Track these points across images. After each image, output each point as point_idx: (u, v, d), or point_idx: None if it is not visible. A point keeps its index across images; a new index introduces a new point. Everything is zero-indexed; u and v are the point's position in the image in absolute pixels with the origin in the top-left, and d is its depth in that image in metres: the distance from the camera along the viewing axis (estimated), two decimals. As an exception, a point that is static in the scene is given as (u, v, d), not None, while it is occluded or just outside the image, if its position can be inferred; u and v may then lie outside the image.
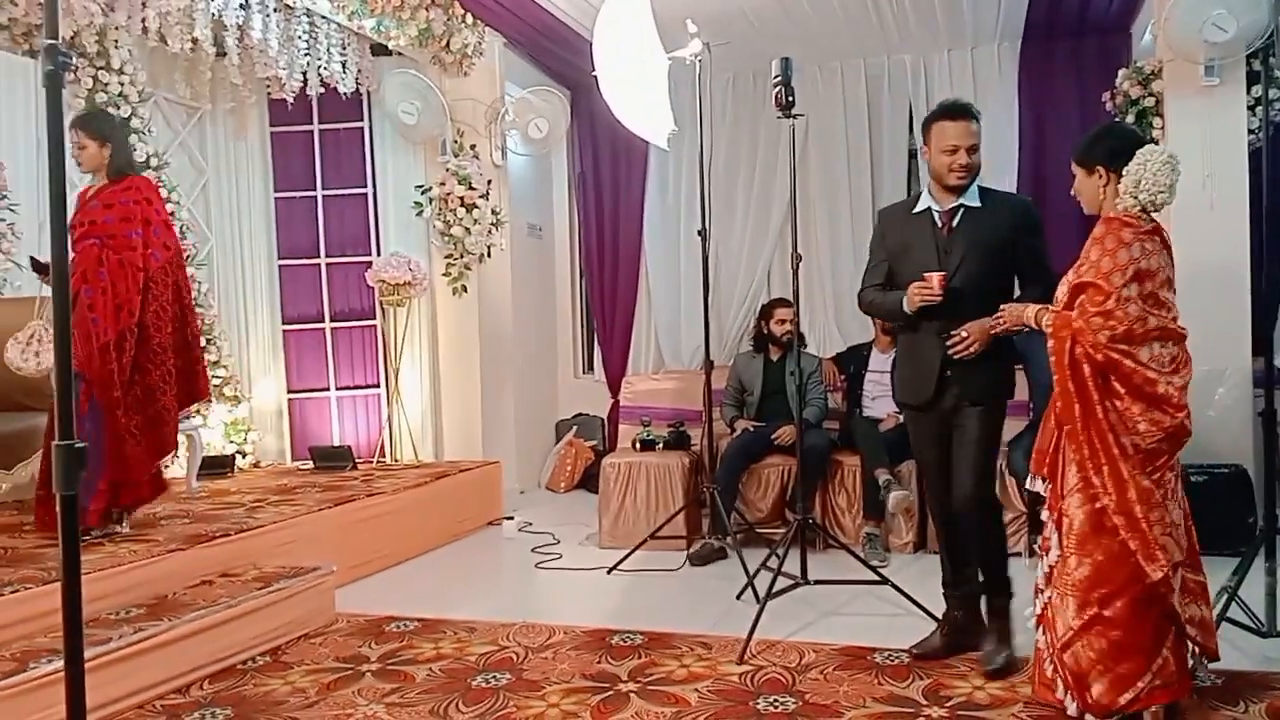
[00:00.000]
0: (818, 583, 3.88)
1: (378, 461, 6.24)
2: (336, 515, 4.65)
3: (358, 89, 6.01)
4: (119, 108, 5.40)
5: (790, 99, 3.88)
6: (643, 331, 7.12)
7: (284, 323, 6.48)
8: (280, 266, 6.47)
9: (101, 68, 5.33)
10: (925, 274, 3.14)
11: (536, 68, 6.95)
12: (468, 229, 6.21)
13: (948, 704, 2.88)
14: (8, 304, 4.55)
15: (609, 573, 4.61)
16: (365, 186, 6.48)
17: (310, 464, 6.03)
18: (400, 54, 6.09)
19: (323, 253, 6.47)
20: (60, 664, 2.74)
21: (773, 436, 5.09)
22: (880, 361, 5.36)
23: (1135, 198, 2.64)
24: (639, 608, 4.09)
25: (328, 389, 6.48)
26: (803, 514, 3.96)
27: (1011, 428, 4.99)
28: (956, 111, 3.19)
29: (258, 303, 6.46)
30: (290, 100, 5.84)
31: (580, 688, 3.08)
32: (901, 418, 5.05)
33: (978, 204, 3.22)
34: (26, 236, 4.98)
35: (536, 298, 7.26)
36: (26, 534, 3.90)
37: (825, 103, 6.52)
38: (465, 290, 6.35)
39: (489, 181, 6.29)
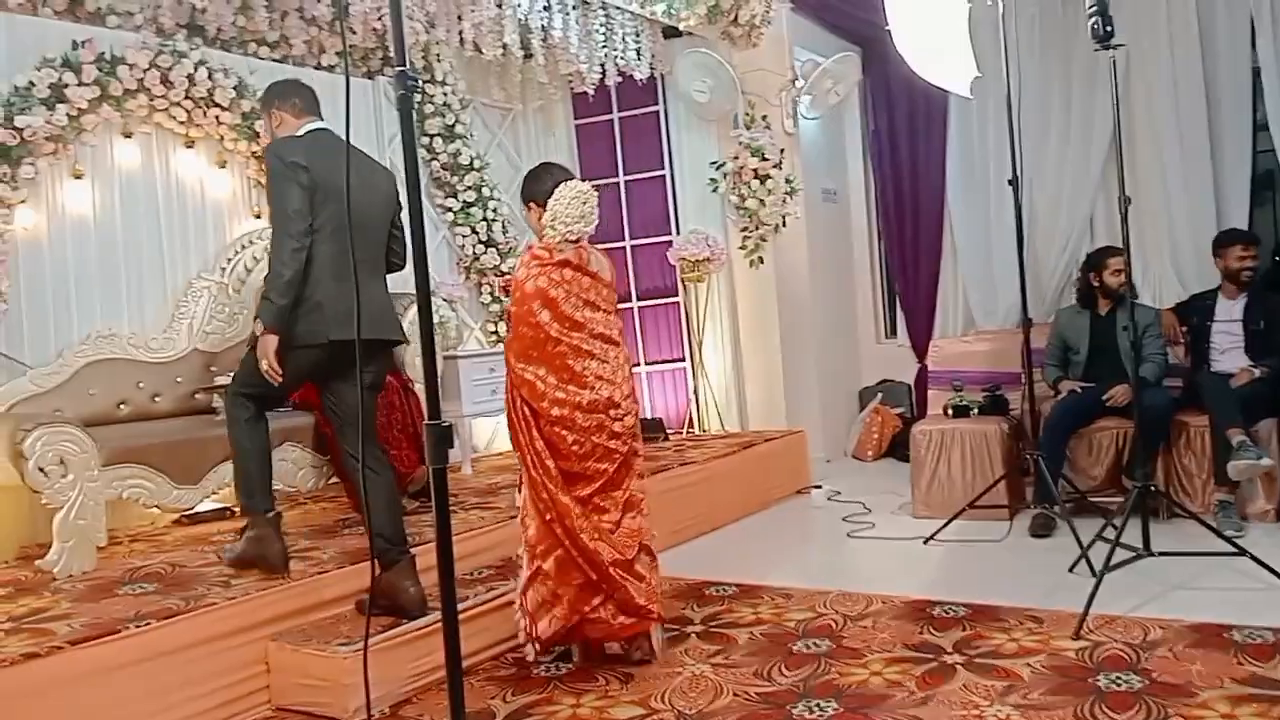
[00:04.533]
0: (1162, 554, 3.57)
1: (687, 432, 6.45)
2: (653, 484, 4.82)
3: (652, 74, 6.20)
4: (444, 116, 5.94)
5: (1109, 28, 3.56)
6: (949, 291, 6.82)
7: (595, 304, 6.83)
8: (589, 251, 6.83)
9: (427, 81, 5.88)
10: None
11: (825, 28, 6.84)
12: (762, 200, 6.25)
13: (1330, 691, 2.56)
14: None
15: (925, 542, 4.50)
16: (663, 168, 6.69)
17: (626, 436, 6.34)
18: (690, 34, 6.21)
19: (627, 235, 6.76)
20: (428, 619, 3.10)
21: (1104, 397, 4.69)
22: (1228, 310, 4.82)
23: (554, 229, 3.11)
24: (960, 579, 3.97)
25: (638, 364, 6.77)
26: (1142, 480, 3.65)
27: None
28: None
29: (570, 286, 6.86)
30: (591, 92, 6.13)
31: (903, 657, 3.04)
32: (1257, 372, 4.54)
33: None
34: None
35: (834, 263, 7.17)
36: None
37: (1147, 28, 5.90)
38: (762, 262, 6.40)
39: (781, 150, 6.29)
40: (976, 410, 5.19)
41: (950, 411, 5.23)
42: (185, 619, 2.89)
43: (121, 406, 4.40)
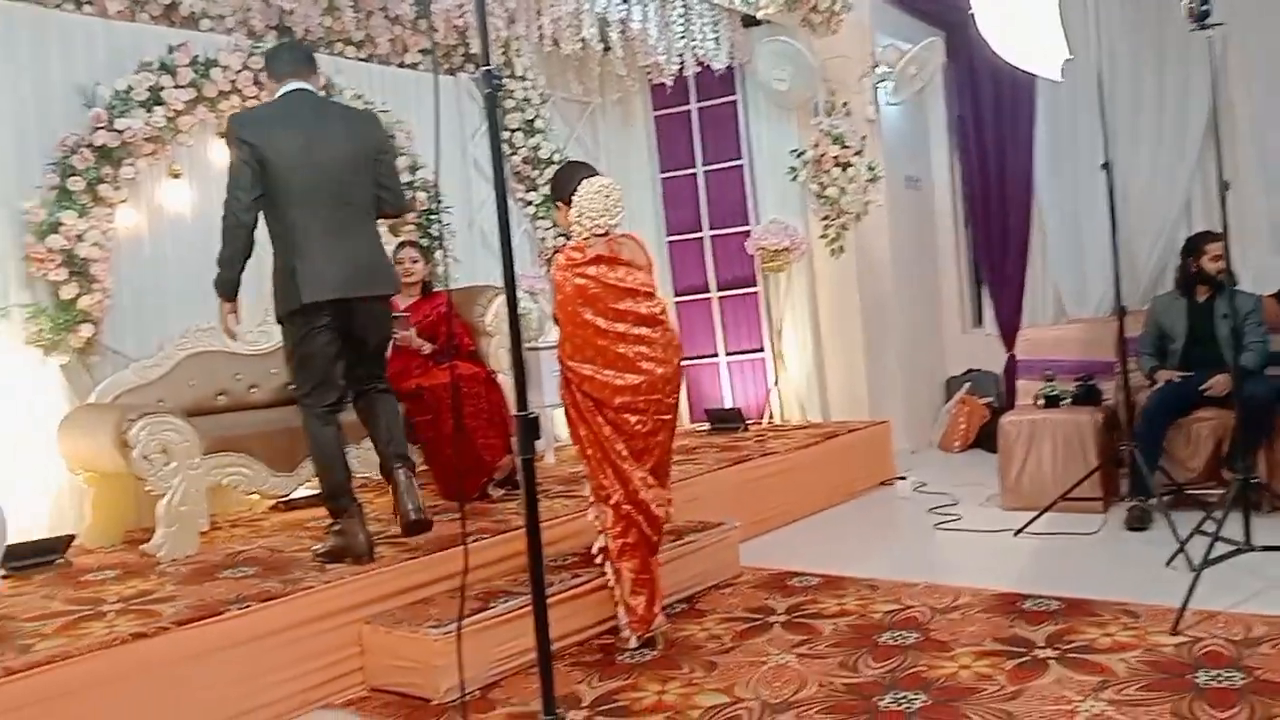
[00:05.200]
0: (1265, 549, 3.44)
1: (767, 422, 6.42)
2: (734, 474, 4.87)
3: (731, 63, 6.17)
4: (523, 111, 6.00)
5: (1205, 7, 3.43)
6: (1038, 278, 6.67)
7: (675, 295, 6.86)
8: (669, 243, 6.85)
9: (507, 76, 5.94)
10: None
11: (907, 13, 6.73)
12: (843, 189, 6.18)
13: None
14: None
15: (1016, 535, 4.41)
16: (741, 158, 6.65)
17: (706, 425, 6.35)
18: (769, 22, 6.15)
19: (705, 226, 6.75)
20: (515, 603, 3.16)
21: (1202, 387, 4.53)
22: (1335, 295, 4.62)
23: (581, 224, 3.26)
24: (1052, 572, 3.88)
25: (717, 355, 6.77)
26: (1244, 472, 3.52)
27: None
28: None
29: (650, 278, 6.89)
30: (669, 84, 6.12)
31: (993, 651, 2.99)
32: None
33: None
34: (459, 236, 5.71)
35: (917, 251, 7.06)
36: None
37: (1247, 5, 5.66)
38: (843, 250, 6.33)
39: (863, 138, 6.20)
40: (1069, 400, 5.06)
41: (1041, 401, 5.10)
42: (283, 602, 3.00)
43: (220, 397, 4.55)
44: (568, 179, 3.37)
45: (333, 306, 3.33)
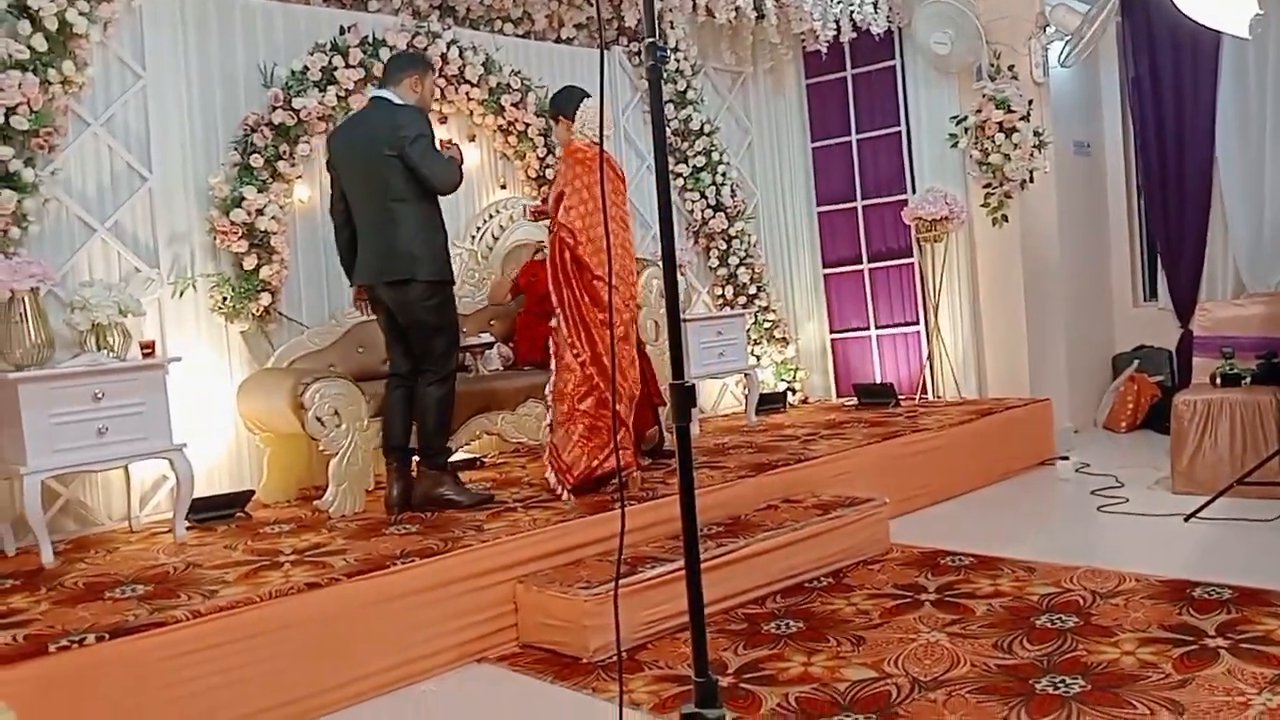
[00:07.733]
0: None
1: (920, 398, 6.27)
2: (884, 449, 4.79)
3: (889, 28, 5.99)
4: (675, 83, 6.01)
5: None
6: (1218, 250, 6.25)
7: (824, 266, 6.76)
8: (819, 213, 6.74)
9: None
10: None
11: (1080, -31, 6.37)
12: (1007, 155, 5.92)
13: None
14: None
15: (1186, 520, 4.17)
16: (898, 125, 6.46)
17: (855, 400, 6.26)
18: (930, -17, 5.95)
19: (859, 196, 6.60)
20: (664, 569, 3.22)
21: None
22: None
23: (584, 133, 3.91)
24: (1225, 560, 3.66)
25: (867, 328, 6.63)
26: None
27: None
28: None
29: (800, 249, 6.82)
30: (824, 50, 6.00)
31: (1158, 638, 2.85)
32: None
33: None
34: (610, 206, 5.79)
35: (1086, 221, 6.72)
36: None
37: None
38: (1005, 220, 6.08)
39: (1029, 102, 5.92)
40: (1249, 379, 4.74)
41: (1219, 380, 4.80)
42: (443, 558, 3.14)
43: (386, 364, 4.76)
44: (569, 98, 3.98)
45: (374, 291, 3.83)
